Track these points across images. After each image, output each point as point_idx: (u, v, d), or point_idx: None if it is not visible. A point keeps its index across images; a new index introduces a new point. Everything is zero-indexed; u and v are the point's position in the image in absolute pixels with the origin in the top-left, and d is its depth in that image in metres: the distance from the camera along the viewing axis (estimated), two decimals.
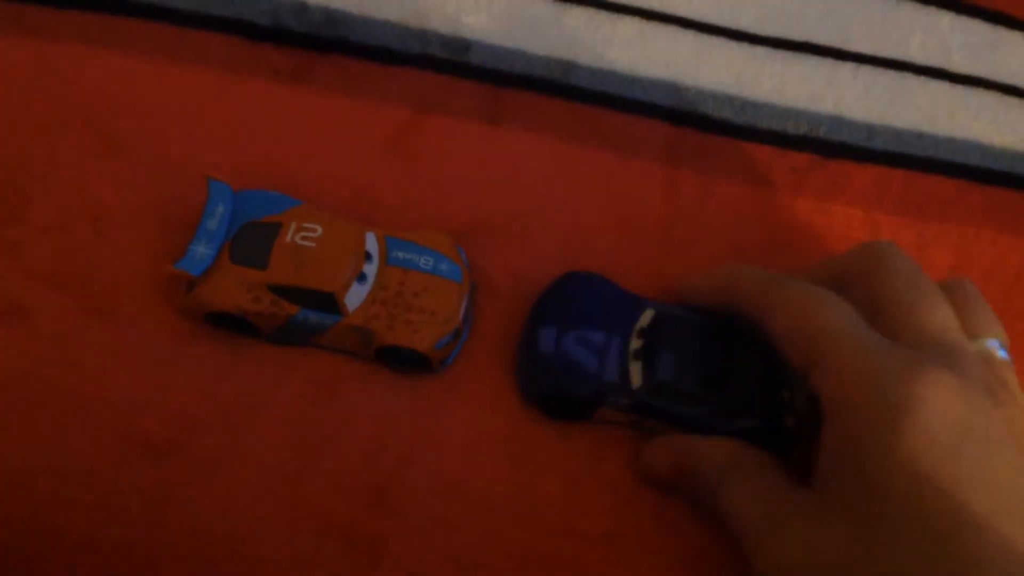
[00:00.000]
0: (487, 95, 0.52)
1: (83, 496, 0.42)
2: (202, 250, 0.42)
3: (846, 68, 0.55)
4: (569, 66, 0.53)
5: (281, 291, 0.42)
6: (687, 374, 0.41)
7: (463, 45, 0.53)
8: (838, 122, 0.53)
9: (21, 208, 0.47)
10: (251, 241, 0.43)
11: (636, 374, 0.42)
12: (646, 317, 0.44)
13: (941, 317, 0.34)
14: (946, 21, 0.56)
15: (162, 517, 0.42)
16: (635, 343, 0.43)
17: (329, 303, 0.42)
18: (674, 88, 0.53)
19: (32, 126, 0.49)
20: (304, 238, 0.43)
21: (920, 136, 0.53)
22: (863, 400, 0.34)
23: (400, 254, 0.44)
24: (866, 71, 0.55)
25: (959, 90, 0.55)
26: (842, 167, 0.53)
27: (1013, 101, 0.55)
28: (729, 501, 0.39)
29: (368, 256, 0.43)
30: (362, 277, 0.43)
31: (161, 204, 0.47)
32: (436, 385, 0.45)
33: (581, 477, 0.44)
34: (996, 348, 0.38)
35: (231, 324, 0.44)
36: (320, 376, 0.45)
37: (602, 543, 0.43)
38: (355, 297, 0.43)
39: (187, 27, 0.51)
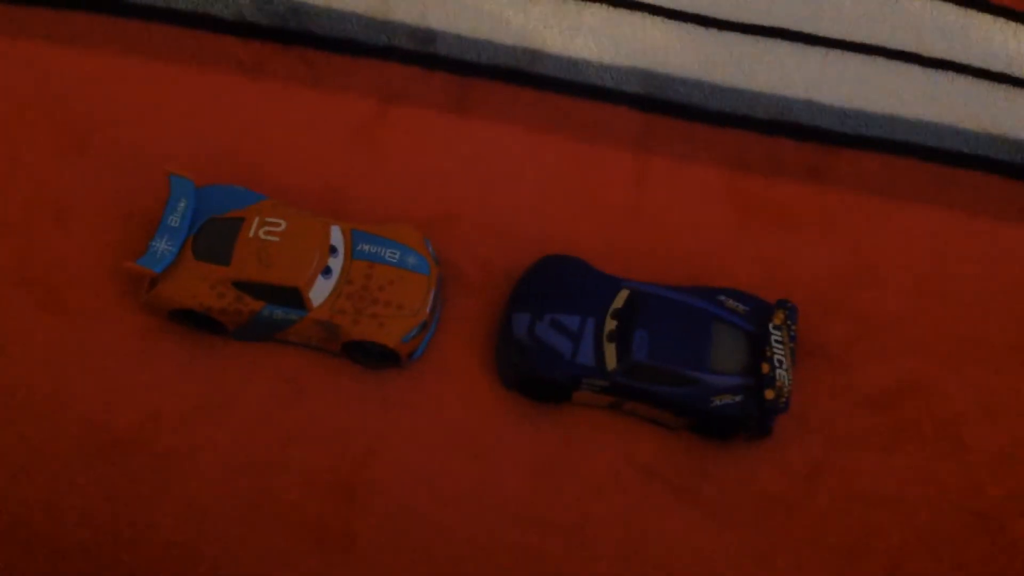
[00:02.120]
0: (454, 85, 0.51)
1: (43, 495, 0.41)
2: (163, 246, 0.42)
3: (816, 53, 0.55)
4: (536, 55, 0.52)
5: (245, 287, 0.42)
6: (663, 353, 0.41)
7: (430, 35, 0.52)
8: (810, 106, 0.53)
9: None
10: (214, 236, 0.42)
11: (611, 356, 0.42)
12: (621, 298, 0.43)
13: None
14: (917, 5, 0.56)
15: (126, 515, 0.41)
16: (610, 325, 0.43)
17: (294, 298, 0.42)
18: (643, 75, 0.53)
19: None
20: (268, 233, 0.42)
21: (892, 120, 0.53)
22: None
23: (366, 247, 0.44)
24: (836, 55, 0.55)
25: (931, 74, 0.55)
26: (815, 151, 0.52)
27: (985, 84, 0.54)
28: None
29: (333, 250, 0.43)
30: (327, 271, 0.43)
31: (126, 200, 0.47)
32: (404, 379, 0.44)
33: (550, 469, 0.44)
34: None
35: (195, 321, 0.43)
36: (286, 373, 0.44)
37: (569, 533, 0.42)
38: (320, 292, 0.42)
39: (150, 21, 0.51)
